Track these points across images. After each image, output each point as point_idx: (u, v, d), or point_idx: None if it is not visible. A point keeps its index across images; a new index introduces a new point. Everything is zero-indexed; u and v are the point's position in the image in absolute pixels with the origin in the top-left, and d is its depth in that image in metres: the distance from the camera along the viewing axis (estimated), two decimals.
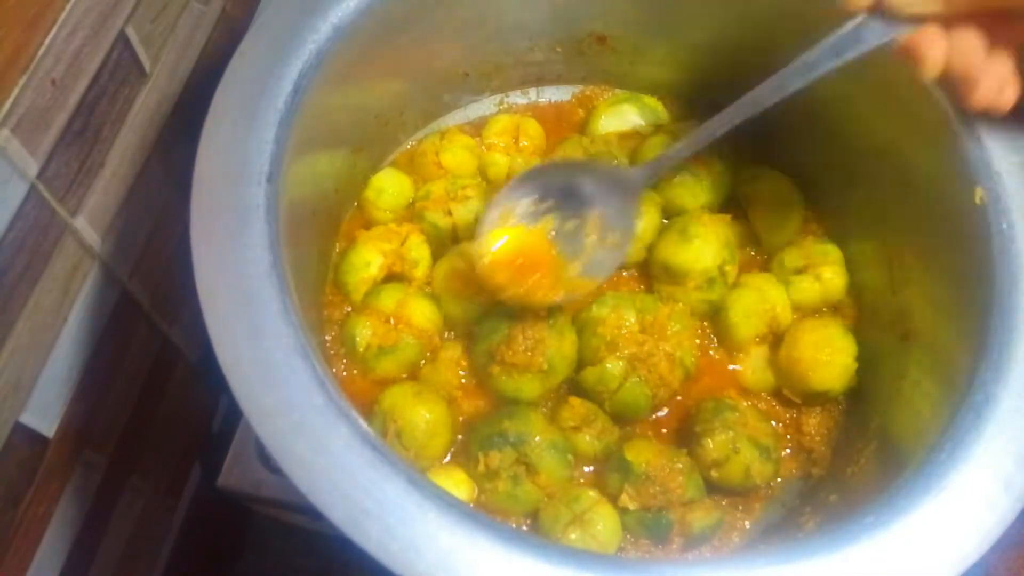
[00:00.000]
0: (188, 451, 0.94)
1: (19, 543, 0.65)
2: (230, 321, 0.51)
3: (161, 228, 0.81)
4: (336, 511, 0.47)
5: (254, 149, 0.58)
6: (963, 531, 0.50)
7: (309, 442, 0.49)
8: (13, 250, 0.59)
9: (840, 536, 0.50)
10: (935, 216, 0.67)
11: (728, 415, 0.69)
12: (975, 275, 0.61)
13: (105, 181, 0.70)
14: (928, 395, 0.64)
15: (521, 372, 0.68)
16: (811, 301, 0.76)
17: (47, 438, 0.66)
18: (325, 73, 0.63)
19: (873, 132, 0.73)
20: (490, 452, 0.65)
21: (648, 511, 0.65)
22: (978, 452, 0.53)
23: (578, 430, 0.68)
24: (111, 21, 0.67)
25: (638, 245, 0.76)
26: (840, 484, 0.68)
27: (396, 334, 0.70)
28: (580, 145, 0.81)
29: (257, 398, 0.49)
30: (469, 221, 0.77)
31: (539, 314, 0.68)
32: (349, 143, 0.76)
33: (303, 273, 0.64)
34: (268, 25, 0.63)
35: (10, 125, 0.57)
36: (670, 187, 0.78)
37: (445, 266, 0.75)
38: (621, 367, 0.68)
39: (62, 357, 0.67)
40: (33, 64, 0.58)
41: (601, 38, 0.83)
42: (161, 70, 0.76)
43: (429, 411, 0.66)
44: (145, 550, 0.86)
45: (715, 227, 0.75)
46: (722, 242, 0.74)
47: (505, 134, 0.82)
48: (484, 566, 0.46)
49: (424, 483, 0.49)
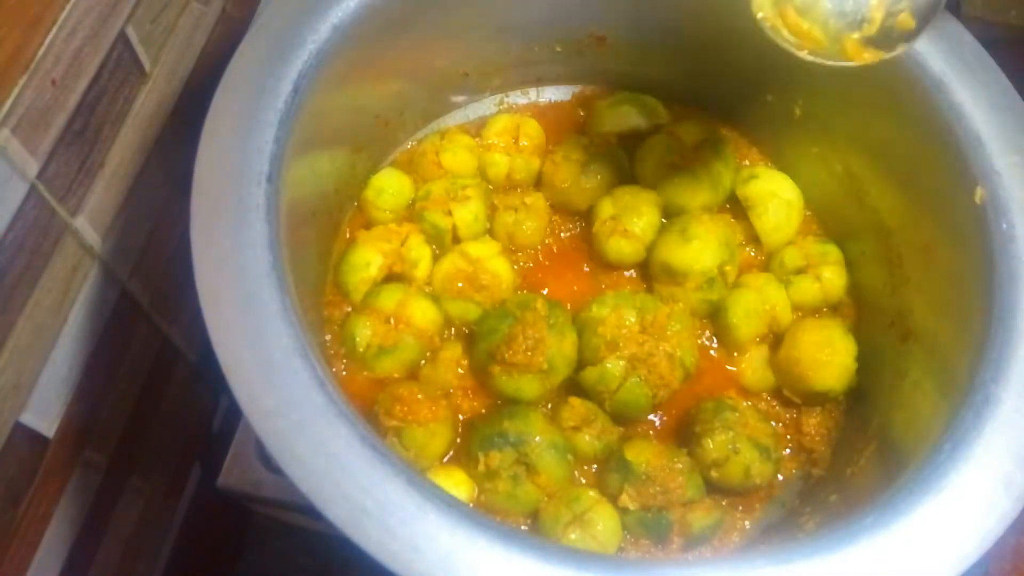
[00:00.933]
0: (188, 451, 0.94)
1: (19, 543, 0.65)
2: (230, 321, 0.52)
3: (161, 228, 0.81)
4: (336, 511, 0.47)
5: (254, 149, 0.58)
6: (963, 531, 0.50)
7: (309, 442, 0.49)
8: (13, 250, 0.59)
9: (840, 536, 0.50)
10: (935, 216, 0.67)
11: (728, 415, 0.69)
12: (975, 275, 0.61)
13: (105, 181, 0.70)
14: (928, 395, 0.64)
15: (521, 372, 0.68)
16: (811, 301, 0.76)
17: (47, 438, 0.66)
18: (325, 73, 0.63)
19: (873, 131, 0.73)
20: (490, 452, 0.65)
21: (648, 511, 0.65)
22: (978, 452, 0.53)
23: (578, 430, 0.68)
24: (111, 21, 0.67)
25: (637, 245, 0.76)
26: (840, 484, 0.68)
27: (396, 334, 0.70)
28: (580, 145, 0.81)
29: (257, 398, 0.50)
30: (469, 221, 0.77)
31: (539, 313, 0.69)
32: (349, 143, 0.76)
33: (303, 273, 0.64)
34: (268, 25, 0.63)
35: (10, 125, 0.57)
36: (670, 187, 0.79)
37: (445, 266, 0.75)
38: (621, 367, 0.68)
39: (62, 357, 0.67)
40: (33, 64, 0.58)
41: (601, 38, 0.83)
42: (161, 70, 0.76)
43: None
44: (145, 550, 0.86)
45: (715, 227, 0.75)
46: (722, 242, 0.74)
47: (505, 134, 0.82)
48: (484, 566, 0.46)
49: (424, 483, 0.49)
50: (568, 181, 0.79)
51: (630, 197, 0.77)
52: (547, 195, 0.81)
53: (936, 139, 0.65)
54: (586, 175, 0.79)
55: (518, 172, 0.81)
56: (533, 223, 0.78)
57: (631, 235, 0.76)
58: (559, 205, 0.81)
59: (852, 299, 0.77)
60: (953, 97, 0.64)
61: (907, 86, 0.66)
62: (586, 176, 0.79)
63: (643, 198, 0.77)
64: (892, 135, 0.71)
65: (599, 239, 0.77)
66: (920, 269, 0.69)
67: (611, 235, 0.76)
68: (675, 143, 0.80)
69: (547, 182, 0.81)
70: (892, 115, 0.70)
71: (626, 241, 0.76)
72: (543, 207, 0.80)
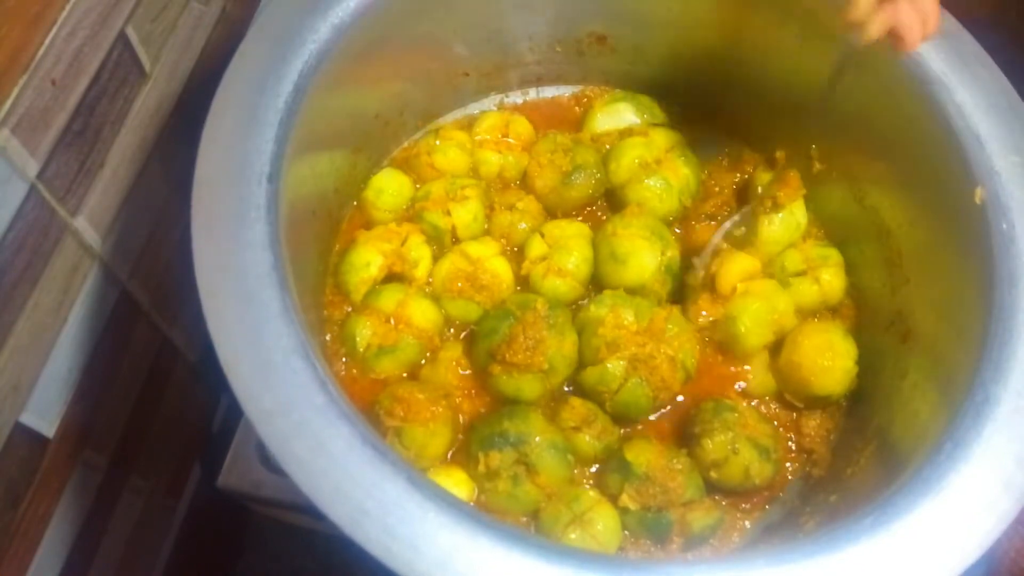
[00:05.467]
0: (188, 451, 0.94)
1: (19, 543, 0.65)
2: (231, 320, 0.52)
3: (161, 228, 0.81)
4: (337, 510, 0.47)
5: (254, 149, 0.58)
6: (963, 531, 0.50)
7: (309, 442, 0.49)
8: (13, 250, 0.59)
9: (840, 536, 0.50)
10: (935, 216, 0.67)
11: (727, 416, 0.69)
12: (975, 275, 0.61)
13: (105, 181, 0.70)
14: (928, 395, 0.64)
15: (522, 372, 0.68)
16: (810, 303, 0.76)
17: (47, 438, 0.66)
18: (325, 73, 0.63)
19: (873, 132, 0.73)
20: (490, 452, 0.65)
21: (648, 511, 0.65)
22: (978, 452, 0.53)
23: (578, 430, 0.68)
24: (111, 21, 0.67)
25: (573, 282, 0.75)
26: (840, 484, 0.68)
27: (396, 334, 0.70)
28: (562, 148, 0.80)
29: (257, 398, 0.50)
30: (468, 221, 0.77)
31: (539, 313, 0.69)
32: (349, 143, 0.76)
33: (303, 273, 0.64)
34: (268, 25, 0.63)
35: (10, 125, 0.57)
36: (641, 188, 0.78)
37: (445, 266, 0.75)
38: (622, 368, 0.68)
39: (62, 357, 0.67)
40: (33, 64, 0.58)
41: (601, 38, 0.83)
42: (161, 70, 0.76)
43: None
44: (145, 550, 0.86)
45: (637, 231, 0.74)
46: (650, 237, 0.74)
47: (494, 130, 0.82)
48: (484, 565, 0.46)
49: (424, 483, 0.49)
50: (548, 188, 0.79)
51: (559, 232, 0.76)
52: (532, 194, 0.81)
53: (936, 139, 0.65)
54: (566, 185, 0.79)
55: (509, 170, 0.82)
56: (528, 224, 0.78)
57: (565, 272, 0.74)
58: (548, 207, 0.81)
59: (852, 300, 0.77)
60: (953, 97, 0.65)
61: (907, 86, 0.67)
62: (566, 186, 0.79)
63: (571, 232, 0.77)
64: (892, 135, 0.71)
65: (533, 280, 0.75)
66: (920, 269, 0.69)
67: (546, 276, 0.74)
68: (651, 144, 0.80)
69: (530, 184, 0.81)
70: (892, 116, 0.70)
71: (561, 280, 0.75)
72: (537, 209, 0.80)
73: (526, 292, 0.75)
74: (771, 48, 0.77)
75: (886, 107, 0.70)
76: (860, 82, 0.67)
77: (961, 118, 0.64)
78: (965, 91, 0.65)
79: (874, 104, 0.70)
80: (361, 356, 0.70)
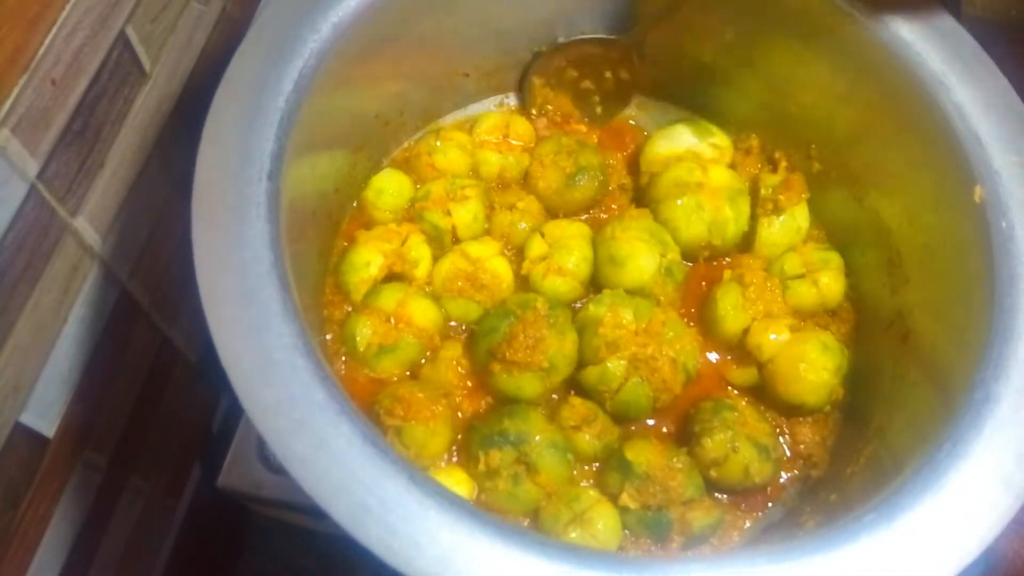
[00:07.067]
0: (188, 451, 0.94)
1: (19, 543, 0.65)
2: (231, 320, 0.52)
3: (161, 228, 0.81)
4: (338, 508, 0.47)
5: (255, 148, 0.58)
6: (963, 530, 0.50)
7: (310, 440, 0.49)
8: (13, 250, 0.59)
9: (840, 535, 0.50)
10: (935, 216, 0.67)
11: (727, 415, 0.69)
12: (974, 274, 0.61)
13: (105, 181, 0.70)
14: (928, 395, 0.64)
15: (522, 371, 0.68)
16: (808, 305, 0.76)
17: (47, 438, 0.66)
18: (325, 73, 0.63)
19: (873, 132, 0.73)
20: (490, 451, 0.65)
21: (648, 510, 0.65)
22: (978, 450, 0.53)
23: (578, 429, 0.68)
24: (111, 21, 0.67)
25: (573, 283, 0.75)
26: (840, 483, 0.68)
27: (396, 333, 0.70)
28: (559, 144, 0.80)
29: (258, 396, 0.50)
30: (468, 221, 0.77)
31: (539, 312, 0.69)
32: (349, 143, 0.76)
33: (303, 272, 0.64)
34: (268, 25, 0.63)
35: (10, 125, 0.57)
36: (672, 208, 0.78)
37: (445, 266, 0.75)
38: (623, 367, 0.68)
39: (62, 357, 0.67)
40: (33, 64, 0.59)
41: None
42: (161, 70, 0.76)
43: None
44: (145, 550, 0.86)
45: (636, 232, 0.74)
46: (648, 240, 0.74)
47: (495, 131, 0.82)
48: (485, 563, 0.46)
49: (425, 481, 0.49)
50: (551, 189, 0.79)
51: (559, 232, 0.76)
52: (534, 195, 0.81)
53: (936, 139, 0.65)
54: (569, 187, 0.79)
55: (509, 170, 0.82)
56: (528, 224, 0.78)
57: (565, 272, 0.74)
58: (550, 208, 0.81)
59: (851, 300, 0.77)
60: (953, 97, 0.65)
61: (907, 86, 0.67)
62: (569, 188, 0.79)
63: (571, 231, 0.76)
64: (892, 135, 0.71)
65: (533, 279, 0.75)
66: (920, 269, 0.69)
67: (546, 275, 0.74)
68: None
69: (532, 185, 0.81)
70: (892, 115, 0.70)
71: (561, 280, 0.74)
72: (537, 209, 0.80)
73: (526, 292, 0.75)
74: (776, 50, 0.77)
75: (886, 107, 0.70)
76: (860, 82, 0.67)
77: (960, 118, 0.64)
78: (965, 90, 0.65)
79: (874, 104, 0.71)
80: (361, 355, 0.70)
